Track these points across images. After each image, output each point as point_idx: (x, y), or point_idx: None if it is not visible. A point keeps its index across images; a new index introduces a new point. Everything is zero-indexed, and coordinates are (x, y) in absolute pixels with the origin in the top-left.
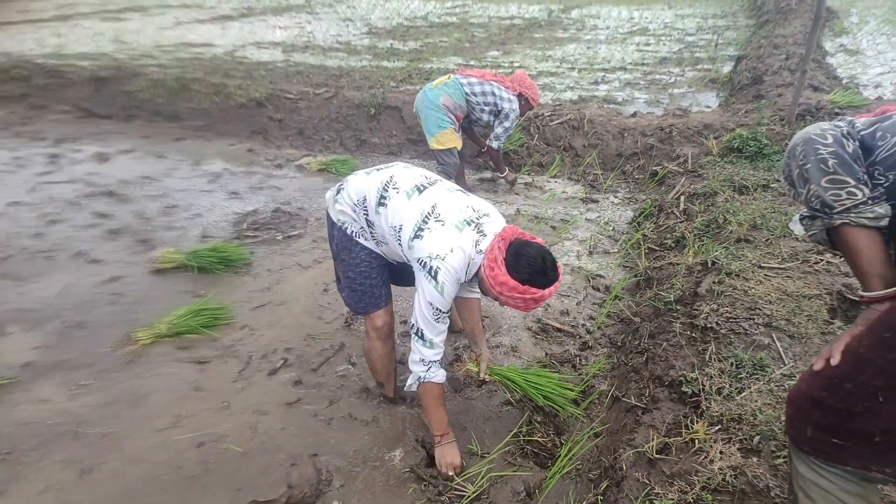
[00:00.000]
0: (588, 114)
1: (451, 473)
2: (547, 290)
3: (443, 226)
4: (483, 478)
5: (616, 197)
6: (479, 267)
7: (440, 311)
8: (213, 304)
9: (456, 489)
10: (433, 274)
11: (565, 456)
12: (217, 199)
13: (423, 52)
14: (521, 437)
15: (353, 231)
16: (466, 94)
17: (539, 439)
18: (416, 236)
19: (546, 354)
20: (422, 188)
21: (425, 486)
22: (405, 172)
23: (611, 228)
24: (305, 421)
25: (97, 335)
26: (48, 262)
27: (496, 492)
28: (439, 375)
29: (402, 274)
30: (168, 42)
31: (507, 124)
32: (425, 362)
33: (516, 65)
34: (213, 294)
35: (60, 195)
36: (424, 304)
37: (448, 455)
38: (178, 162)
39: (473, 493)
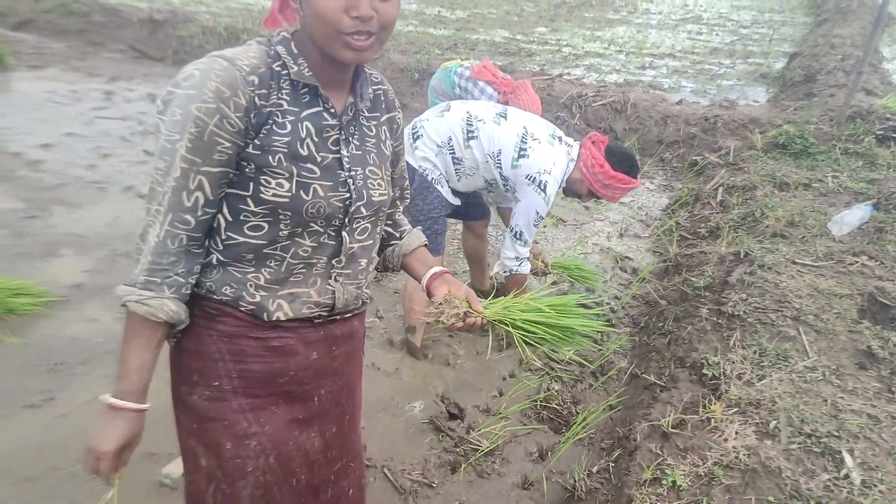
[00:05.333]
0: (632, 97)
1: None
2: (639, 178)
3: (539, 143)
4: (497, 435)
5: (652, 183)
6: (572, 171)
7: (542, 216)
8: None
9: (471, 443)
10: (542, 187)
11: (580, 423)
12: None
13: (469, 23)
14: (538, 402)
15: (433, 178)
16: (454, 83)
17: (555, 405)
18: (522, 156)
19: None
20: (503, 113)
21: (442, 437)
22: (476, 105)
23: (643, 213)
24: None
25: None
26: (100, 193)
27: (510, 450)
28: (526, 268)
29: (464, 209)
30: None
31: None
32: (519, 259)
33: (563, 42)
34: None
35: (114, 131)
36: (531, 212)
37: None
38: None
39: (487, 447)
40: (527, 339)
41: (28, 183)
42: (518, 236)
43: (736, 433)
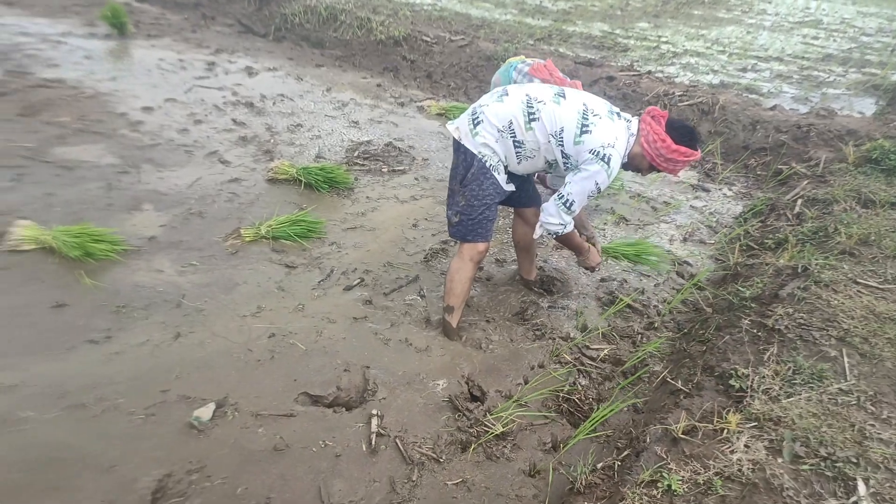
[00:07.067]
0: (722, 100)
1: (595, 266)
2: (699, 151)
3: (600, 119)
4: (510, 419)
5: (730, 189)
6: (632, 146)
7: (600, 190)
8: (311, 217)
9: (486, 426)
10: (606, 160)
11: (597, 419)
12: (338, 125)
13: (570, 14)
14: (561, 394)
15: (490, 164)
16: (512, 79)
17: (577, 399)
18: (584, 132)
19: (609, 325)
20: (561, 93)
21: (459, 416)
22: (534, 87)
23: (714, 220)
24: (366, 336)
25: (211, 226)
26: (187, 156)
27: (523, 437)
28: (569, 229)
29: (517, 195)
30: None
31: None
32: (563, 224)
33: (664, 39)
34: (313, 209)
35: (209, 99)
36: (590, 184)
37: (592, 257)
38: (313, 86)
39: (499, 431)
40: None
41: (126, 142)
42: (567, 205)
43: (745, 446)
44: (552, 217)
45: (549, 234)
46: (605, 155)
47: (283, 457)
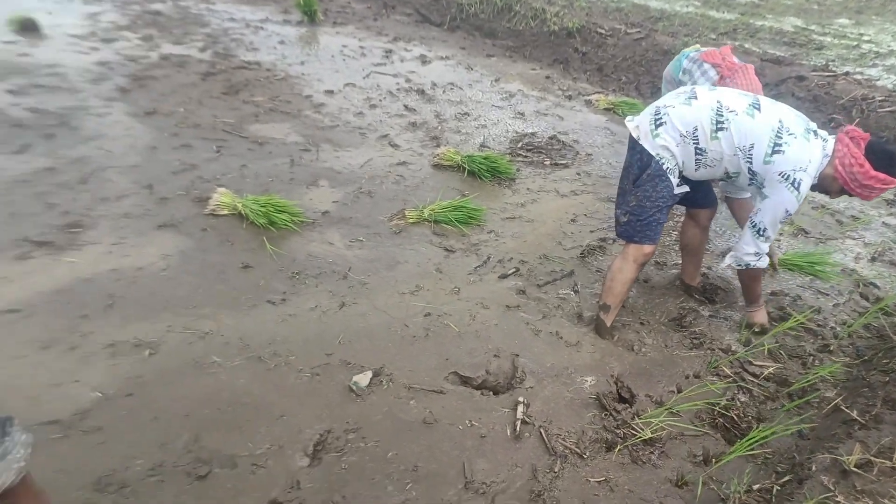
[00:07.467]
0: None
1: (758, 324)
2: None
3: (795, 139)
4: (661, 426)
5: None
6: (825, 167)
7: (790, 214)
8: (471, 204)
9: (633, 429)
10: (796, 185)
11: (756, 438)
12: (504, 115)
13: (759, 7)
14: (717, 408)
15: (668, 167)
16: (682, 67)
17: (734, 416)
18: (776, 151)
19: (777, 342)
20: (756, 104)
21: (605, 415)
22: (726, 94)
23: None
24: (517, 325)
25: (379, 205)
26: (361, 138)
27: (673, 446)
28: (764, 262)
29: (693, 196)
30: None
31: None
32: (759, 254)
33: (865, 38)
34: (474, 196)
35: (384, 85)
36: (780, 210)
37: (762, 315)
38: (482, 76)
39: (647, 435)
40: None
41: (310, 122)
42: (761, 232)
43: None
44: (748, 246)
45: (740, 264)
46: (795, 179)
47: (432, 430)
